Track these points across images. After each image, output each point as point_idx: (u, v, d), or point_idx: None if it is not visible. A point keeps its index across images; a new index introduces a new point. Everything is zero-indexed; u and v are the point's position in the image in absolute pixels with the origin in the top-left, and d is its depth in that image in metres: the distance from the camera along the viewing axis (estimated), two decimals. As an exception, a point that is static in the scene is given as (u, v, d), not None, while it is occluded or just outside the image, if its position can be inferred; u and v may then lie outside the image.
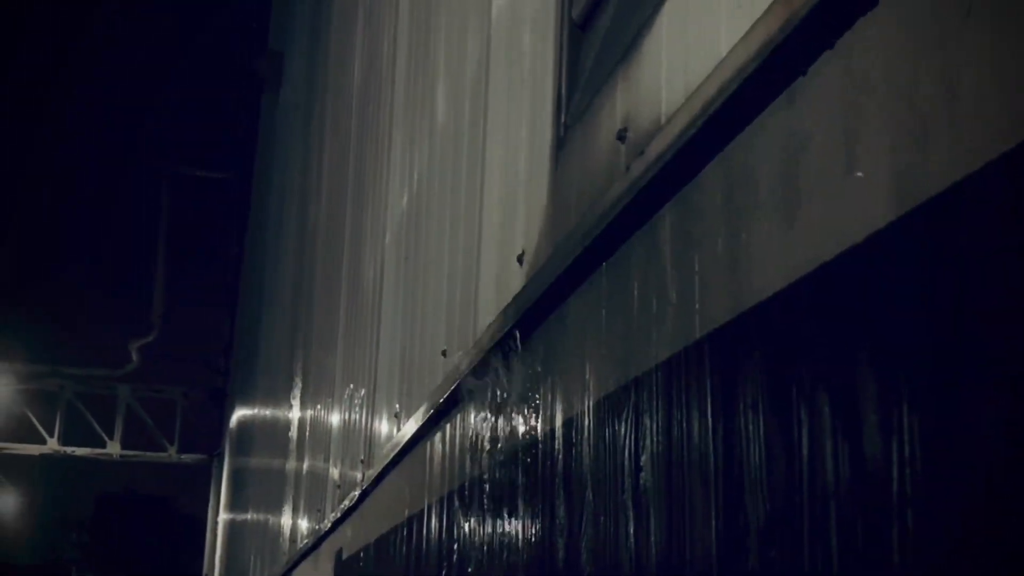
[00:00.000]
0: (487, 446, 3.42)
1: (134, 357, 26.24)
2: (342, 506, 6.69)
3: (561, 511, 2.66)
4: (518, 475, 3.05)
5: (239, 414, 21.10)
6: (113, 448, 26.17)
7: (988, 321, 1.24)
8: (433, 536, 4.09)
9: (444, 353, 4.17)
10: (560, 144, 2.95)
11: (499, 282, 3.45)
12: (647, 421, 2.20)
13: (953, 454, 1.28)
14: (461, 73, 4.38)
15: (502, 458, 3.23)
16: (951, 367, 1.30)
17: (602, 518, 2.39)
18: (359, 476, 6.14)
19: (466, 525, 3.58)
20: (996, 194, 1.24)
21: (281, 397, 12.50)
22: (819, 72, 1.64)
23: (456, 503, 3.76)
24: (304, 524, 9.17)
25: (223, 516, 24.54)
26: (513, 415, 3.16)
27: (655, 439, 2.15)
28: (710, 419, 1.92)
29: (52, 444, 25.65)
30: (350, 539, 6.50)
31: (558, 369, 2.80)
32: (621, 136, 2.46)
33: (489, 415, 3.43)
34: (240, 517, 19.26)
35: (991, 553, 1.22)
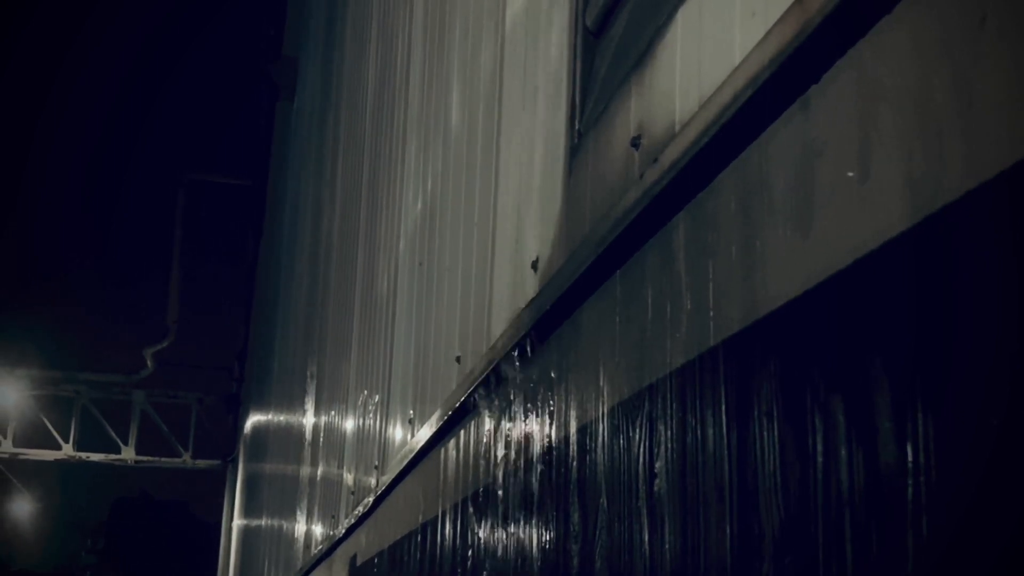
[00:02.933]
0: (501, 452, 3.42)
1: (149, 363, 26.30)
2: (356, 512, 6.69)
3: (575, 518, 2.66)
4: (532, 482, 3.06)
5: (253, 420, 21.13)
6: (128, 454, 26.22)
7: (1003, 329, 1.24)
8: (447, 542, 4.10)
9: (458, 359, 4.18)
10: (574, 151, 2.95)
11: (513, 288, 3.45)
12: (661, 428, 2.20)
13: (968, 461, 1.28)
14: (475, 80, 4.38)
15: (516, 464, 3.23)
16: (966, 375, 1.30)
17: (616, 525, 2.39)
18: (373, 482, 6.14)
19: (480, 531, 3.58)
20: (1011, 203, 1.24)
21: (295, 403, 12.52)
22: (833, 80, 1.64)
23: (470, 509, 3.76)
24: (318, 530, 9.18)
25: (237, 521, 24.56)
26: (527, 421, 3.16)
27: (669, 446, 2.15)
28: (724, 426, 1.92)
29: (67, 450, 25.72)
30: (364, 545, 6.50)
31: (572, 376, 2.80)
32: (635, 143, 2.46)
33: (503, 421, 3.43)
34: (254, 523, 19.28)
35: (1002, 559, 1.22)
